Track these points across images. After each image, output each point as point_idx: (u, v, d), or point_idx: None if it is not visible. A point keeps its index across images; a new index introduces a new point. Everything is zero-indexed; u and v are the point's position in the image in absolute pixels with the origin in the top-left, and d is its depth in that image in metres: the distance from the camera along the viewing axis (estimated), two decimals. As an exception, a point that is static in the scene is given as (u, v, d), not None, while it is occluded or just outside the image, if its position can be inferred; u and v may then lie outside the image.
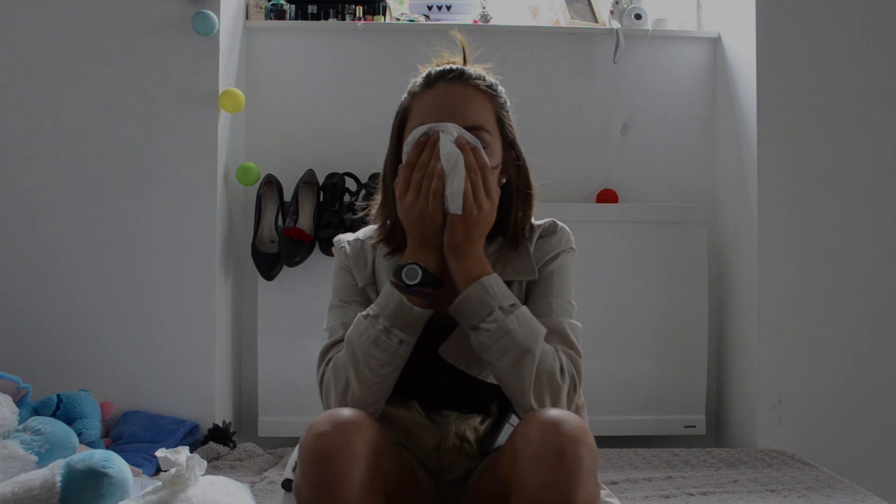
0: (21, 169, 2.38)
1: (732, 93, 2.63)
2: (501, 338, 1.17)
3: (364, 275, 1.35)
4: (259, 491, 1.93)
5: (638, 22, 2.70)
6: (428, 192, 1.19)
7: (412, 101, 1.29)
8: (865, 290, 2.48)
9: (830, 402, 2.46)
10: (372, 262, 1.35)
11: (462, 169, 1.18)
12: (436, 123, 1.22)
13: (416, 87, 1.30)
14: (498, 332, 1.17)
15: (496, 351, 1.18)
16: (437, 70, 1.28)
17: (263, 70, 2.67)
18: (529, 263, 1.31)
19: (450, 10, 2.79)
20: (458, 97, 1.24)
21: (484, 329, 1.18)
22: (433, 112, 1.24)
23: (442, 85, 1.26)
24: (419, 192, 1.20)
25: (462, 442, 1.30)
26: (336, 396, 1.23)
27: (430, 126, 1.22)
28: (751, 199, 2.49)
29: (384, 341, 1.20)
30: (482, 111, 1.26)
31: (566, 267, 1.33)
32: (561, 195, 2.67)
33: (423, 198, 1.19)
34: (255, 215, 2.55)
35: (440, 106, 1.24)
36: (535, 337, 1.19)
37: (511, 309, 1.19)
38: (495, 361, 1.19)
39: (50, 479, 1.55)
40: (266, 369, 2.51)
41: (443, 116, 1.22)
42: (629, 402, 2.55)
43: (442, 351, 1.26)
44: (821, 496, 1.94)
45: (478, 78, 1.28)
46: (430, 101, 1.26)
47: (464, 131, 1.22)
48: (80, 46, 2.37)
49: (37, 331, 2.36)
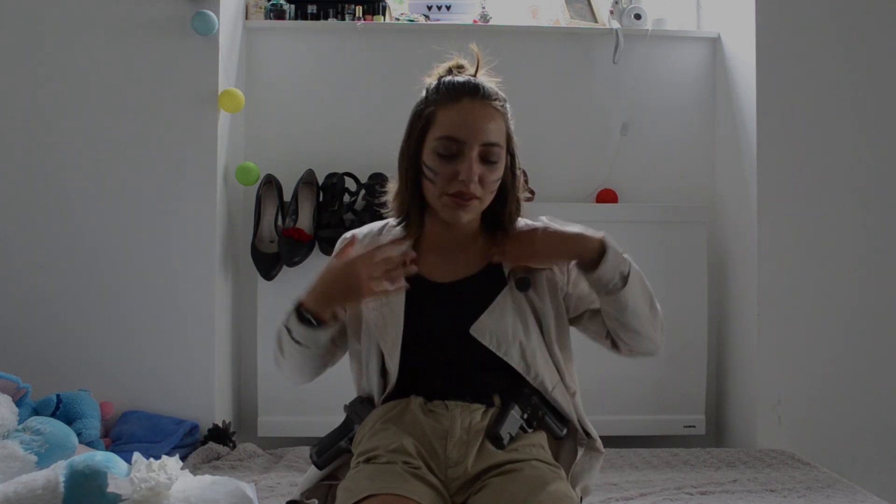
0: (20, 169, 2.38)
1: (732, 93, 2.63)
2: (642, 279, 1.41)
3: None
4: (260, 491, 1.92)
5: (637, 22, 2.70)
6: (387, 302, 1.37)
7: (436, 111, 1.38)
8: (865, 290, 2.48)
9: (830, 402, 2.47)
10: (374, 243, 1.43)
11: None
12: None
13: (438, 96, 1.39)
14: (638, 275, 1.40)
15: (641, 292, 1.39)
16: (460, 83, 1.39)
17: (263, 70, 2.67)
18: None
19: (449, 10, 2.79)
20: (480, 117, 1.36)
21: (633, 272, 1.38)
22: (458, 128, 1.35)
23: (466, 101, 1.37)
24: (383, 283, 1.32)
25: (469, 436, 1.33)
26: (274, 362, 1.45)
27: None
28: (751, 199, 2.49)
29: (287, 347, 1.38)
30: (499, 130, 1.38)
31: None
32: (561, 195, 2.67)
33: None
34: (255, 215, 2.55)
35: (465, 124, 1.35)
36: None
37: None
38: (640, 304, 1.39)
39: (53, 480, 1.55)
40: (266, 369, 2.51)
41: (466, 133, 1.34)
42: (629, 402, 2.55)
43: (473, 330, 1.36)
44: (820, 496, 1.94)
45: (496, 98, 1.39)
46: (456, 116, 1.36)
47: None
48: (80, 46, 2.37)
49: (37, 331, 2.36)
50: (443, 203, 1.36)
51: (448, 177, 1.34)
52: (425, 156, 1.37)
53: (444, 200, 1.36)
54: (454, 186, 1.34)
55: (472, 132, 1.35)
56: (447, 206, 1.36)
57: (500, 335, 1.36)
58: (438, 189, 1.36)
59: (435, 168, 1.36)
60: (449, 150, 1.35)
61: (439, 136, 1.36)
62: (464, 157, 1.34)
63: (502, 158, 1.39)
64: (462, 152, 1.34)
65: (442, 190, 1.35)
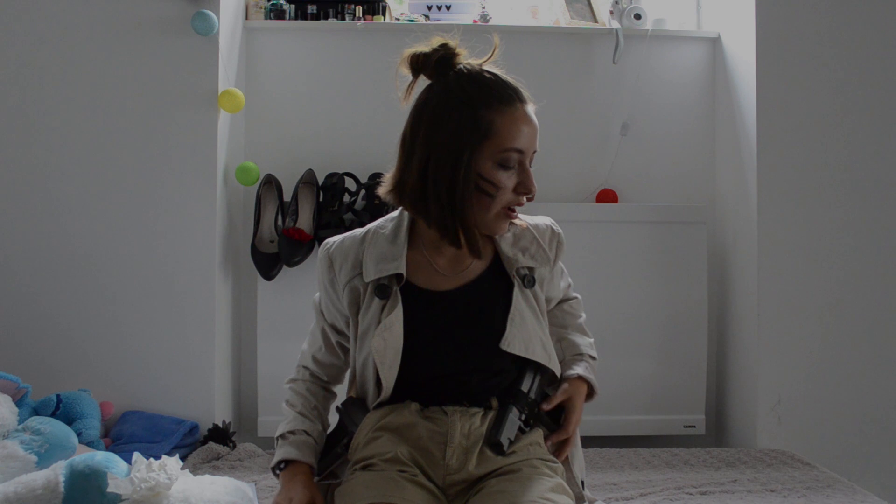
0: (20, 169, 2.38)
1: (732, 93, 2.63)
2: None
3: (346, 269, 1.39)
4: (260, 491, 1.92)
5: (637, 22, 2.70)
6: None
7: (496, 118, 1.28)
8: (865, 290, 2.48)
9: (830, 402, 2.47)
10: (359, 254, 1.39)
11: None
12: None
13: (491, 100, 1.29)
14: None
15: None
16: (511, 86, 1.32)
17: (263, 70, 2.67)
18: (543, 253, 1.43)
19: (449, 10, 2.79)
20: (532, 124, 1.32)
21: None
22: (522, 138, 1.30)
23: (520, 106, 1.31)
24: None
25: (468, 441, 1.32)
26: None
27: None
28: (750, 199, 2.50)
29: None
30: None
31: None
32: (561, 195, 2.67)
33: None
34: (255, 215, 2.55)
35: (524, 134, 1.30)
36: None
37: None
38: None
39: (53, 480, 1.55)
40: (266, 369, 2.51)
41: (527, 143, 1.31)
42: (629, 402, 2.55)
43: (504, 345, 1.33)
44: (820, 496, 1.94)
45: (529, 100, 1.35)
46: (520, 127, 1.30)
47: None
48: (80, 46, 2.37)
49: (37, 331, 2.36)
50: (497, 216, 1.32)
51: (511, 189, 1.30)
52: (485, 170, 1.28)
53: (500, 214, 1.32)
54: (516, 199, 1.31)
55: (531, 141, 1.31)
56: (499, 219, 1.33)
57: (527, 340, 1.36)
58: (499, 203, 1.30)
59: (496, 182, 1.28)
60: (513, 163, 1.29)
61: (506, 147, 1.28)
62: (523, 167, 1.30)
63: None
64: (521, 163, 1.30)
65: (503, 203, 1.30)
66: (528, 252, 1.41)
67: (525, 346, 1.35)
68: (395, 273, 1.35)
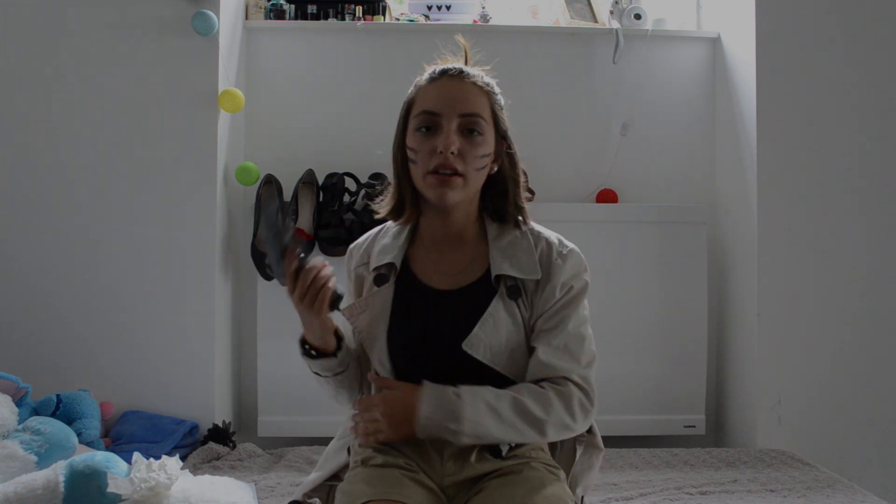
0: (20, 168, 2.38)
1: (732, 93, 2.63)
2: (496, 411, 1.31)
3: (357, 258, 1.48)
4: (260, 491, 1.93)
5: (637, 22, 2.70)
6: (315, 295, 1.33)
7: (417, 93, 1.39)
8: (865, 290, 2.48)
9: (830, 402, 2.47)
10: (370, 247, 1.47)
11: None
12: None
13: (421, 82, 1.40)
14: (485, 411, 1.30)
15: (496, 426, 1.29)
16: (441, 67, 1.40)
17: (263, 70, 2.67)
18: (532, 265, 1.38)
19: (449, 10, 2.79)
20: (458, 90, 1.36)
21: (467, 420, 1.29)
22: (436, 101, 1.35)
23: (444, 80, 1.37)
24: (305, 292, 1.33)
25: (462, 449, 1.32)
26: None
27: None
28: (750, 199, 2.49)
29: (317, 380, 1.44)
30: (479, 102, 1.37)
31: (584, 293, 1.41)
32: (561, 195, 2.67)
33: (309, 297, 1.33)
34: (255, 215, 2.55)
35: (442, 96, 1.35)
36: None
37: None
38: (502, 433, 1.31)
39: (53, 480, 1.55)
40: (266, 369, 2.51)
41: (442, 105, 1.34)
42: (629, 402, 2.55)
43: (465, 345, 1.32)
44: (820, 496, 1.95)
45: (476, 76, 1.39)
46: (434, 91, 1.37)
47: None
48: (80, 46, 2.37)
49: (37, 331, 2.36)
50: (427, 183, 1.34)
51: (428, 152, 1.33)
52: (408, 138, 1.37)
53: (428, 180, 1.33)
54: (434, 160, 1.32)
55: (450, 103, 1.34)
56: (431, 186, 1.33)
57: (495, 347, 1.33)
58: (421, 168, 1.34)
59: (416, 146, 1.35)
60: (427, 124, 1.34)
61: (417, 112, 1.36)
62: (442, 129, 1.33)
63: (487, 133, 1.36)
64: (440, 125, 1.33)
65: (424, 168, 1.33)
66: (514, 260, 1.37)
67: (490, 353, 1.32)
68: (391, 263, 1.40)
